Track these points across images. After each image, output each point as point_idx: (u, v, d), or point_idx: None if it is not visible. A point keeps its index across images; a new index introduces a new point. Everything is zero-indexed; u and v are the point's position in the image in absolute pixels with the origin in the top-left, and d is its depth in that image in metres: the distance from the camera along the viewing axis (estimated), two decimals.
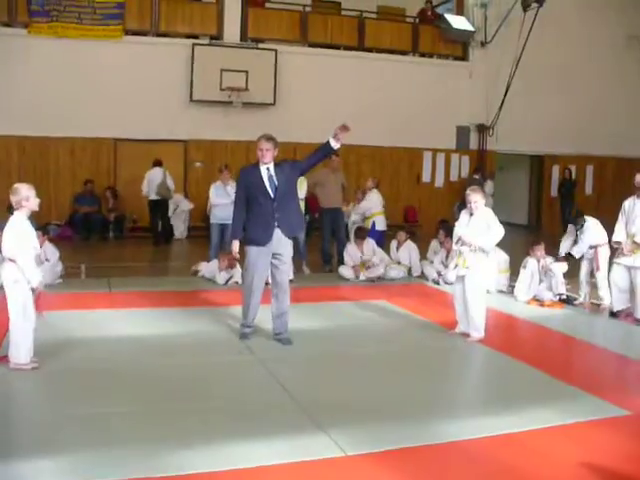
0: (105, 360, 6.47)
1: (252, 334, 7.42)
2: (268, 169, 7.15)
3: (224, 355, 6.85)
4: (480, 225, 7.52)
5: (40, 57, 15.78)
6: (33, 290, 6.06)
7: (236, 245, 7.29)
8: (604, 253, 9.42)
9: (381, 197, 12.76)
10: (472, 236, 7.49)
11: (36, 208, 6.17)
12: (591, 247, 9.51)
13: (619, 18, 20.15)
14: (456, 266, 7.68)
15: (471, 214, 7.63)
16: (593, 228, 9.55)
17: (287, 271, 7.42)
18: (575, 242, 9.74)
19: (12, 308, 6.00)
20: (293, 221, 7.34)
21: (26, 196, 6.06)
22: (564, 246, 9.94)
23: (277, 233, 7.12)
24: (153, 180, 15.49)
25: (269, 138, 7.19)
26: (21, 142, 16.06)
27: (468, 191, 7.73)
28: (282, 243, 7.20)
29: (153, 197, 15.55)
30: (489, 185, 18.90)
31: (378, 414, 5.28)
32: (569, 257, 9.81)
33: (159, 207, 15.74)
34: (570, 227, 10.04)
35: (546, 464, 4.50)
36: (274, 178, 7.13)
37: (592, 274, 9.61)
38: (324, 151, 7.34)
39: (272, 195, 7.09)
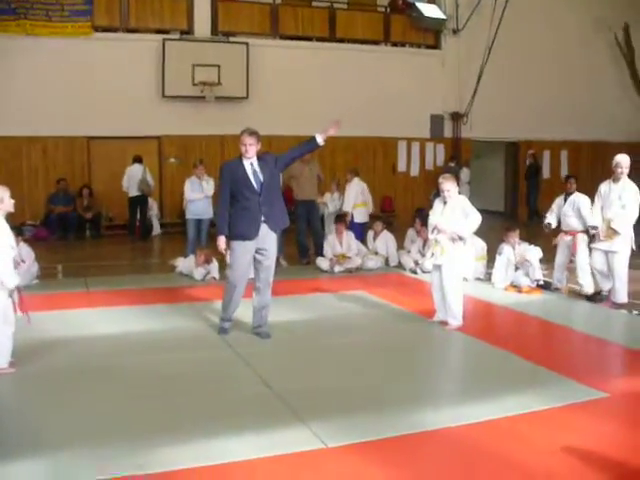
0: (84, 359, 6.44)
1: (231, 329, 7.42)
2: (252, 164, 7.12)
3: (203, 350, 6.83)
4: (455, 213, 7.54)
5: (9, 56, 15.57)
6: (12, 293, 5.98)
7: (222, 241, 7.23)
8: (583, 238, 9.44)
9: (363, 187, 12.79)
10: (447, 224, 7.50)
11: (11, 209, 6.09)
12: (568, 232, 9.52)
13: (590, 6, 20.24)
14: (432, 255, 7.69)
15: (445, 202, 7.64)
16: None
17: (271, 266, 7.36)
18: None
19: None
20: (278, 215, 7.31)
21: (0, 197, 5.98)
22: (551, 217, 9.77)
23: (263, 228, 7.09)
24: (133, 176, 15.60)
25: (252, 132, 7.14)
26: None
27: (440, 179, 7.72)
28: (268, 238, 7.18)
29: (134, 193, 15.64)
30: (465, 173, 19.02)
31: (358, 405, 5.28)
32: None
33: (139, 203, 15.81)
34: (558, 200, 9.83)
35: (527, 449, 4.54)
36: (258, 173, 7.10)
37: (570, 260, 9.65)
38: (309, 146, 7.37)
39: (258, 190, 7.05)
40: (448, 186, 7.56)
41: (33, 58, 15.75)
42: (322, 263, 11.23)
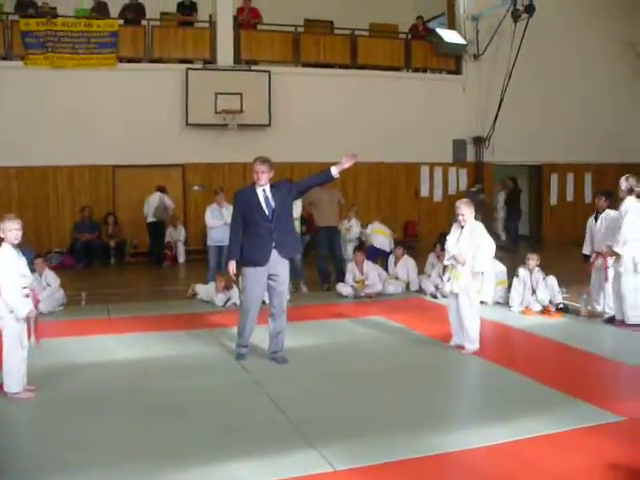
0: (101, 384, 6.53)
1: (248, 354, 7.48)
2: (264, 190, 7.24)
3: (221, 376, 6.88)
4: (471, 238, 7.53)
5: (37, 88, 15.95)
6: (24, 320, 6.08)
7: (233, 265, 7.33)
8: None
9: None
10: (466, 255, 7.49)
11: (14, 242, 6.11)
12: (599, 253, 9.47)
13: (610, 25, 20.24)
14: (449, 279, 7.71)
15: (462, 227, 7.64)
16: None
17: (284, 292, 7.43)
18: None
19: (6, 339, 6.05)
20: (290, 243, 7.39)
21: (8, 228, 6.09)
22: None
23: (274, 254, 7.17)
24: (151, 203, 15.98)
25: (264, 160, 7.30)
26: (20, 172, 16.18)
27: (457, 203, 7.70)
28: (279, 264, 7.24)
29: (150, 219, 15.98)
30: (502, 197, 19.01)
31: (369, 428, 5.30)
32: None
33: (154, 228, 16.11)
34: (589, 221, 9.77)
35: (540, 473, 4.52)
36: (270, 199, 7.21)
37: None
38: (323, 178, 7.48)
39: (269, 216, 7.17)
40: (463, 210, 7.55)
41: (60, 90, 16.07)
42: (343, 289, 11.27)
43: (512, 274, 10.16)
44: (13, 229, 6.10)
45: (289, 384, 6.57)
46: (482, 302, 10.14)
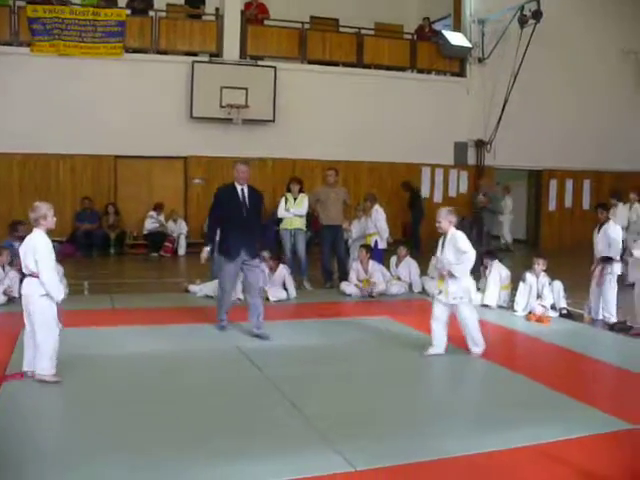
0: (109, 377, 6.54)
1: (227, 325, 8.53)
2: (243, 190, 8.33)
3: (230, 372, 6.90)
4: (456, 249, 7.37)
5: (42, 75, 15.91)
6: (57, 303, 6.23)
7: (205, 251, 8.44)
8: (616, 268, 9.49)
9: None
10: (448, 264, 7.38)
11: (53, 226, 6.38)
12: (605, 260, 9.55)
13: (614, 33, 20.36)
14: (440, 292, 7.62)
15: (444, 234, 7.50)
16: None
17: (258, 274, 8.50)
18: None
19: (40, 322, 6.16)
20: (254, 243, 8.35)
21: (44, 214, 6.26)
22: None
23: (243, 250, 8.16)
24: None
25: (246, 162, 8.50)
26: (23, 160, 16.15)
27: (438, 211, 7.57)
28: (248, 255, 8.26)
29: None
30: (508, 201, 19.09)
31: (385, 429, 5.32)
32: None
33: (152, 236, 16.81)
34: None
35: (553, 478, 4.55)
36: (246, 198, 8.31)
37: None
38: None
39: (244, 214, 8.24)
40: (439, 218, 7.43)
41: (65, 78, 16.02)
42: (346, 288, 11.28)
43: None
44: (50, 215, 6.29)
45: (301, 382, 6.57)
46: (485, 305, 10.29)
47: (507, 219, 19.29)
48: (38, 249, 6.16)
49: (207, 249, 8.40)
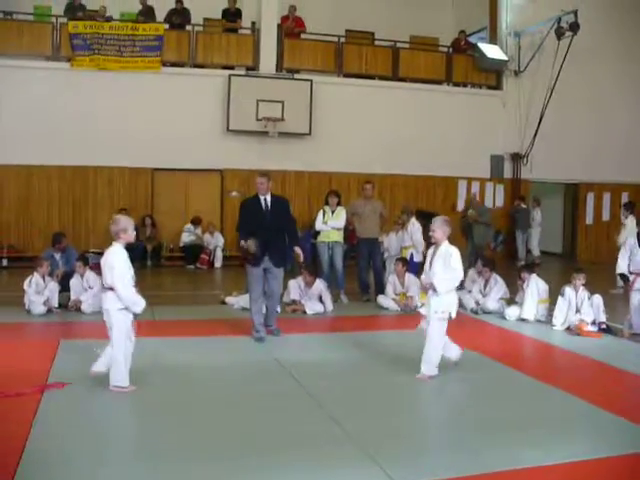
0: (153, 388, 6.55)
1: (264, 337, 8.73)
2: (265, 199, 8.77)
3: (270, 384, 6.89)
4: (446, 265, 7.03)
5: (81, 89, 16.15)
6: (135, 316, 6.36)
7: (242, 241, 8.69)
8: None
9: None
10: (431, 278, 7.04)
11: (132, 240, 6.47)
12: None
13: None
14: (422, 305, 7.40)
15: (435, 246, 7.19)
16: None
17: (278, 281, 8.92)
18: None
19: (116, 335, 6.27)
20: (280, 252, 8.80)
21: (124, 228, 6.33)
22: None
23: (266, 258, 8.58)
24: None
25: (264, 174, 8.92)
26: (61, 172, 16.40)
27: (433, 220, 7.29)
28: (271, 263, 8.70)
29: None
30: (537, 214, 18.99)
31: (426, 444, 5.31)
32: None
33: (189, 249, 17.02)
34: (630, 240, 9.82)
35: None
36: (269, 207, 8.76)
37: None
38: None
39: (267, 223, 8.66)
40: (434, 227, 7.09)
41: (104, 92, 16.26)
42: (383, 301, 11.26)
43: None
44: (131, 229, 6.38)
45: (341, 396, 6.54)
46: (523, 319, 10.21)
47: (536, 232, 19.17)
48: (114, 264, 6.24)
49: (242, 241, 8.66)
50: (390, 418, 5.92)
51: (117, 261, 6.25)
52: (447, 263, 6.96)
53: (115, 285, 6.20)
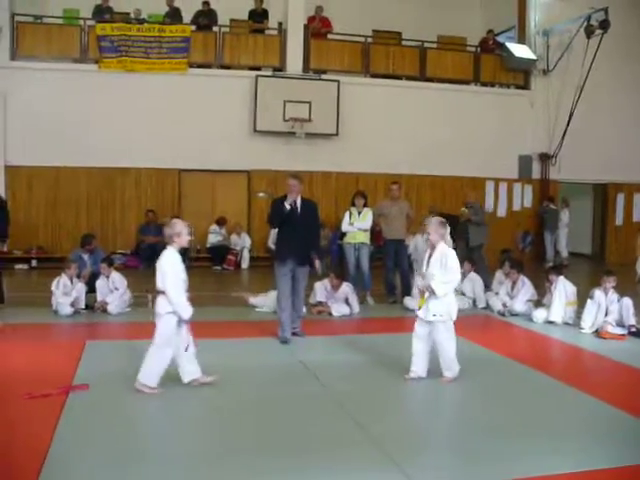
0: (176, 390, 6.53)
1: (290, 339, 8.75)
2: (295, 202, 8.73)
3: (295, 387, 6.87)
4: (443, 267, 6.92)
5: (109, 91, 16.25)
6: (184, 322, 6.36)
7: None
8: None
9: None
10: (429, 279, 6.93)
11: (186, 244, 6.55)
12: None
13: None
14: (419, 308, 7.20)
15: (431, 248, 7.07)
16: None
17: (303, 282, 8.98)
18: None
19: (159, 335, 6.31)
20: (305, 253, 8.90)
21: (179, 232, 6.37)
22: None
23: (293, 256, 8.67)
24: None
25: (295, 176, 8.91)
26: (89, 173, 16.49)
27: (426, 221, 7.21)
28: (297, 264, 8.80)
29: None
30: (565, 214, 18.83)
31: (451, 448, 5.27)
32: None
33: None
34: None
35: None
36: (298, 209, 8.75)
37: None
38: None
39: (295, 224, 8.67)
40: (429, 229, 6.98)
41: (130, 93, 16.37)
42: (409, 303, 11.17)
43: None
44: (185, 233, 6.40)
45: (365, 398, 6.51)
46: (551, 322, 10.10)
47: (563, 233, 19.00)
48: (166, 267, 6.30)
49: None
50: (414, 422, 5.90)
51: (168, 265, 6.30)
52: (444, 265, 6.88)
53: (166, 289, 6.25)
